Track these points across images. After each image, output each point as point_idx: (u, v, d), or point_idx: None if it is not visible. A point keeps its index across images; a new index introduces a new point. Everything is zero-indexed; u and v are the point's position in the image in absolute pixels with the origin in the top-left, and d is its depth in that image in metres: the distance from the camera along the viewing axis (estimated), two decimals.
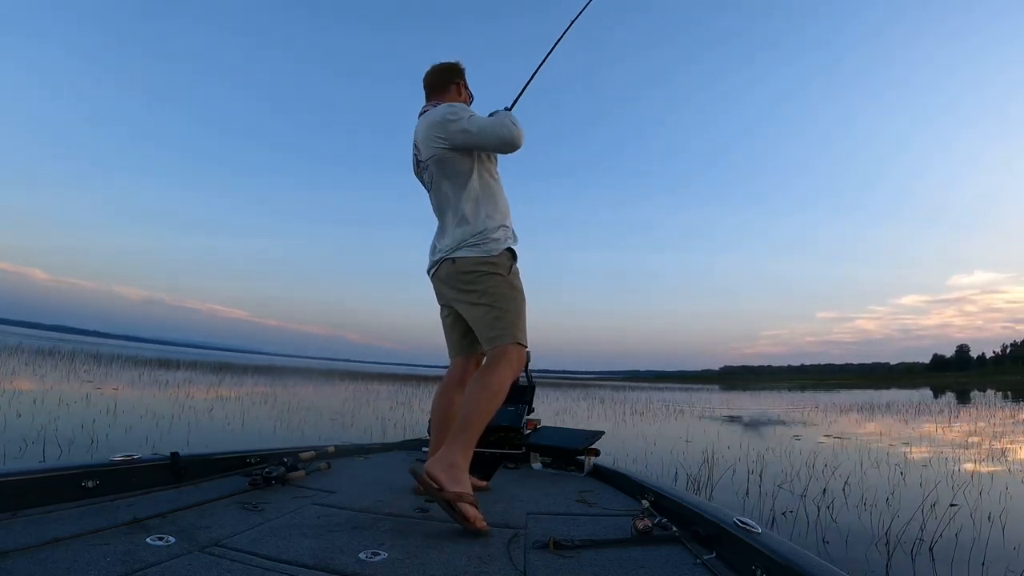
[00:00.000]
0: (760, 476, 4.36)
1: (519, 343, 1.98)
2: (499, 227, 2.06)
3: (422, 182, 2.24)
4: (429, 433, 2.89)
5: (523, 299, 2.06)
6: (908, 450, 6.36)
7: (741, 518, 1.38)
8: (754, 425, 9.65)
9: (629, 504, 2.02)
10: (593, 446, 2.76)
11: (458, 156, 2.07)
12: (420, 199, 2.29)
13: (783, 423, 10.17)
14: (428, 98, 2.26)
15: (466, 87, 2.32)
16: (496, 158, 2.20)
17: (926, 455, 6.02)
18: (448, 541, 1.50)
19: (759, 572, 1.18)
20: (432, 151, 2.08)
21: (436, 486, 1.64)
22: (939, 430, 9.02)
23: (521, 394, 2.99)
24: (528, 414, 2.99)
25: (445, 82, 2.26)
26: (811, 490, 3.87)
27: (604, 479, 2.53)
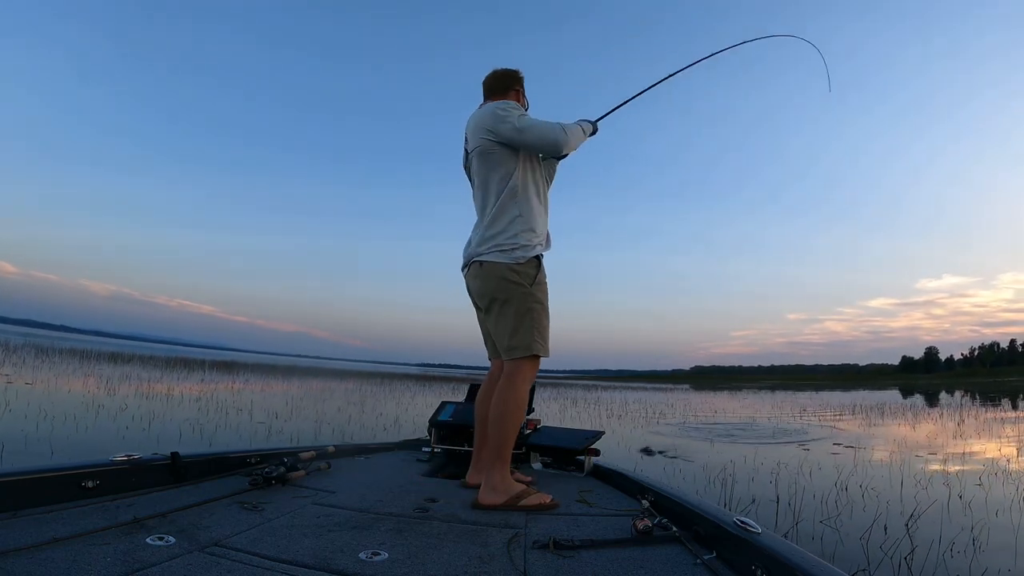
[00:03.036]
0: (792, 507, 3.31)
1: (536, 355, 2.05)
2: (529, 231, 2.08)
3: (468, 175, 2.30)
4: (429, 433, 3.03)
5: (544, 310, 2.09)
6: (942, 463, 5.34)
7: (741, 518, 1.37)
8: (750, 432, 8.58)
9: (629, 504, 2.00)
10: (593, 446, 2.73)
11: (503, 152, 2.10)
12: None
13: (780, 429, 9.12)
14: (486, 100, 2.31)
15: (523, 95, 2.36)
16: (544, 164, 2.25)
17: (967, 469, 5.02)
18: (448, 541, 1.49)
19: (759, 572, 1.17)
20: (478, 142, 2.13)
21: (497, 508, 1.86)
22: (954, 436, 7.96)
23: None
24: (528, 414, 2.90)
25: (504, 87, 2.31)
26: (874, 531, 2.84)
27: (604, 479, 2.51)
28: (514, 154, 2.10)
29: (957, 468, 5.13)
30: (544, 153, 2.17)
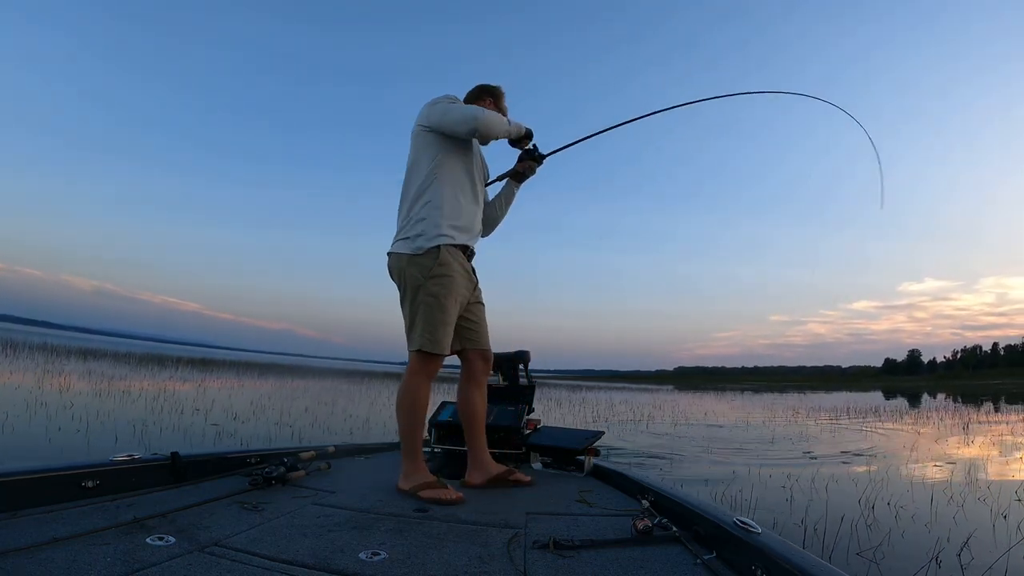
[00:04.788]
0: (818, 533, 2.79)
1: (421, 350, 2.04)
2: (435, 220, 2.06)
3: None
4: (428, 433, 2.95)
5: (437, 304, 2.05)
6: (966, 475, 4.72)
7: (741, 518, 1.36)
8: (746, 437, 8.00)
9: (629, 504, 2.00)
10: (593, 446, 2.73)
11: (430, 137, 2.12)
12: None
13: (778, 434, 8.57)
14: None
15: (495, 104, 2.39)
16: (476, 157, 2.27)
17: (996, 482, 4.46)
18: (448, 541, 1.48)
19: (759, 572, 1.16)
20: (413, 128, 2.17)
21: (406, 494, 1.95)
22: (964, 443, 7.28)
23: (521, 394, 2.95)
24: (528, 414, 2.91)
25: (475, 99, 2.37)
26: (928, 570, 2.30)
27: (604, 479, 2.52)
28: (439, 140, 2.13)
29: (983, 479, 4.53)
30: (463, 133, 2.14)
